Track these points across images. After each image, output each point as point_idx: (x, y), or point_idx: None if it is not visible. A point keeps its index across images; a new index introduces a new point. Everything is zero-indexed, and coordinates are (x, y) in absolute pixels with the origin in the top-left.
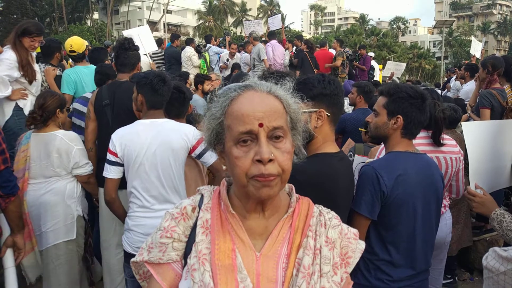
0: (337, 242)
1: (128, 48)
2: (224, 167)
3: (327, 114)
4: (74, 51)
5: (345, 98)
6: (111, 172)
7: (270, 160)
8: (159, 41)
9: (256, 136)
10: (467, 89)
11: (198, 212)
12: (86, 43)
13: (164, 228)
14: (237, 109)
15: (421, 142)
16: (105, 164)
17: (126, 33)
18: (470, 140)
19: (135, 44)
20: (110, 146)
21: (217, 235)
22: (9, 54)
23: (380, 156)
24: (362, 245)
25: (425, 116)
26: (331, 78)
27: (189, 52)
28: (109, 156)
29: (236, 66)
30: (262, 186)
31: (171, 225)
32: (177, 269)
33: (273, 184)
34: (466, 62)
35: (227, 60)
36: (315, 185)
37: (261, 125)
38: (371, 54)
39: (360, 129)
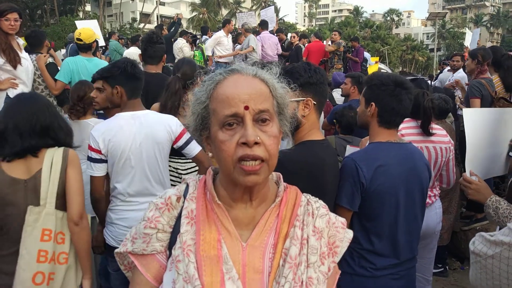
0: (325, 232)
1: (156, 42)
2: (210, 154)
3: (313, 103)
4: (81, 40)
5: (336, 89)
6: (96, 170)
7: (256, 144)
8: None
9: (242, 119)
10: (459, 76)
11: (183, 202)
12: (97, 37)
13: (148, 218)
14: (222, 92)
15: (410, 132)
16: (89, 162)
17: (79, 23)
18: (469, 127)
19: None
20: (92, 144)
21: (202, 225)
22: None
23: None
24: (350, 234)
25: (400, 104)
26: (316, 67)
27: (180, 44)
28: (92, 154)
29: None
30: (248, 174)
31: (155, 216)
32: (161, 260)
33: (260, 172)
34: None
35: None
36: (304, 172)
37: (246, 107)
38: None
39: (334, 120)
